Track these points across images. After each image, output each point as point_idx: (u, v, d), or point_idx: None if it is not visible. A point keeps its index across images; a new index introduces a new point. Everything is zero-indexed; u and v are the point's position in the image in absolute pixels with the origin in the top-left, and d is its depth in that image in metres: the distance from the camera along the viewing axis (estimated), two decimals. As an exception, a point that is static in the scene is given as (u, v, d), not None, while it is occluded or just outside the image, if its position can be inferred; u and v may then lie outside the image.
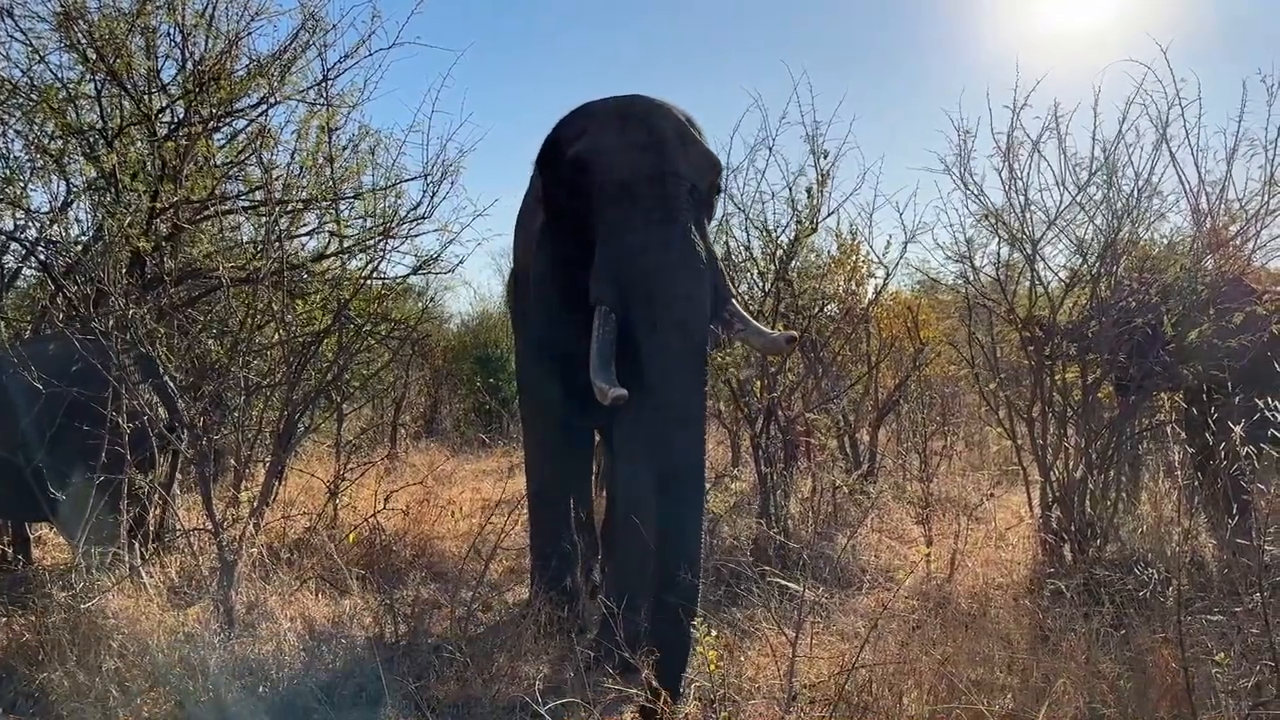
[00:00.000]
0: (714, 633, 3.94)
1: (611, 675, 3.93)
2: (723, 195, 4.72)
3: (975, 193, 5.91)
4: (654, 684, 3.53)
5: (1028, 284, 5.86)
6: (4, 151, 6.61)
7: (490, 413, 13.19)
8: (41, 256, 6.53)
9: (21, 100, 6.43)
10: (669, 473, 3.93)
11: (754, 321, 4.35)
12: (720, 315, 4.22)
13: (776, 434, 7.09)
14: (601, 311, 4.07)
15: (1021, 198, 5.65)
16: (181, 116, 6.58)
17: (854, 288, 7.84)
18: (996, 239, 6.09)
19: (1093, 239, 5.69)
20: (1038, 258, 5.70)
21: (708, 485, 4.19)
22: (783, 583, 4.39)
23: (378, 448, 10.66)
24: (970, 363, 6.45)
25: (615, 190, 4.17)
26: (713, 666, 3.64)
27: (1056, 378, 5.63)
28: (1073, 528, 5.24)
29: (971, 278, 6.30)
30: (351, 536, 5.64)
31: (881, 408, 8.36)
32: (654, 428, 3.99)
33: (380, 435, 11.35)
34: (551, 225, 4.68)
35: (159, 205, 6.05)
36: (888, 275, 7.62)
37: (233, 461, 5.89)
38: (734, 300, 4.30)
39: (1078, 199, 5.57)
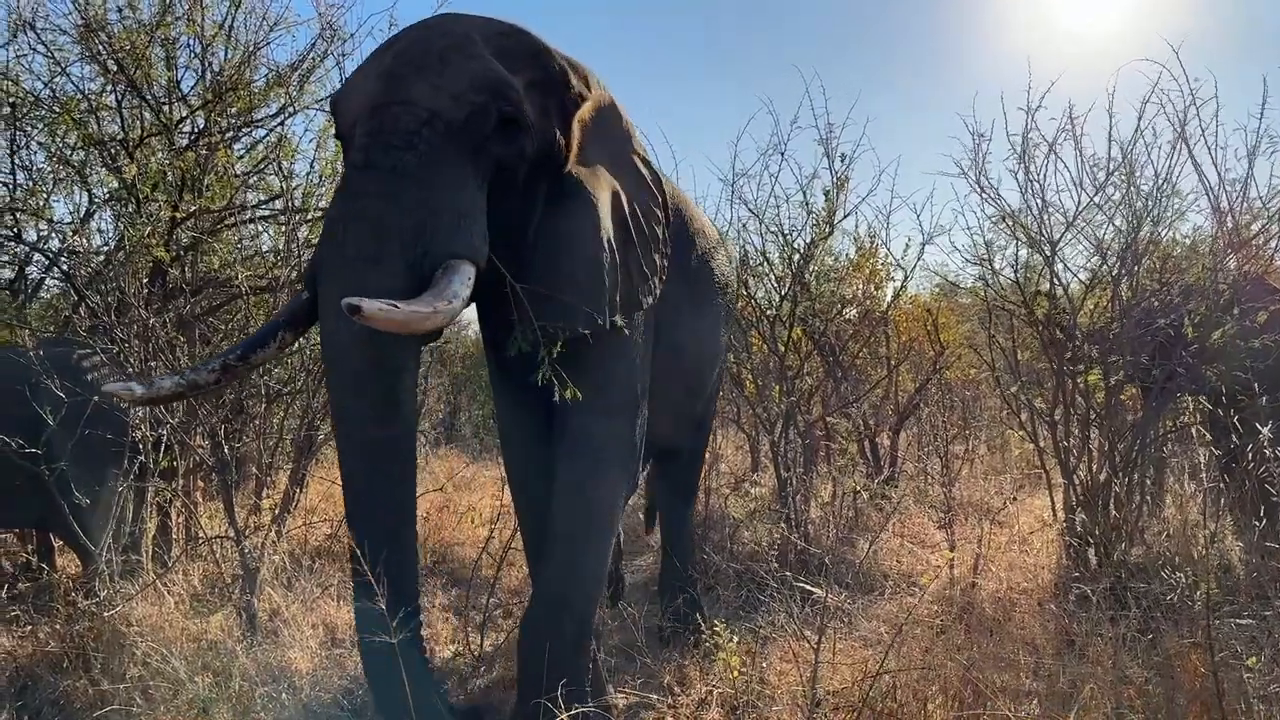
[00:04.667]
0: (735, 638, 3.92)
1: (630, 681, 3.94)
2: (531, 128, 3.34)
3: (991, 195, 5.89)
4: None
5: (1047, 286, 5.82)
6: (27, 163, 6.70)
7: (508, 419, 13.19)
8: (64, 267, 6.59)
9: (44, 112, 6.51)
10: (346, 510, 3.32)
11: (427, 297, 2.94)
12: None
13: (795, 438, 7.07)
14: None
15: (1038, 200, 5.62)
16: (201, 127, 6.63)
17: (872, 291, 7.83)
18: (1015, 241, 6.07)
19: (1112, 240, 5.66)
20: (1057, 259, 5.66)
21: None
22: (805, 587, 4.36)
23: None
24: (991, 366, 6.41)
25: (343, 137, 3.38)
26: (735, 672, 3.62)
27: (1079, 380, 5.58)
28: (1097, 531, 5.19)
29: (990, 280, 6.27)
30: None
31: (902, 411, 8.32)
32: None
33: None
34: None
35: (179, 215, 6.10)
36: (906, 278, 7.61)
37: (254, 469, 5.91)
38: (453, 266, 3.06)
39: (1096, 200, 5.54)
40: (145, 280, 5.83)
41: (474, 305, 3.64)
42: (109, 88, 6.51)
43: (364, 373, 3.09)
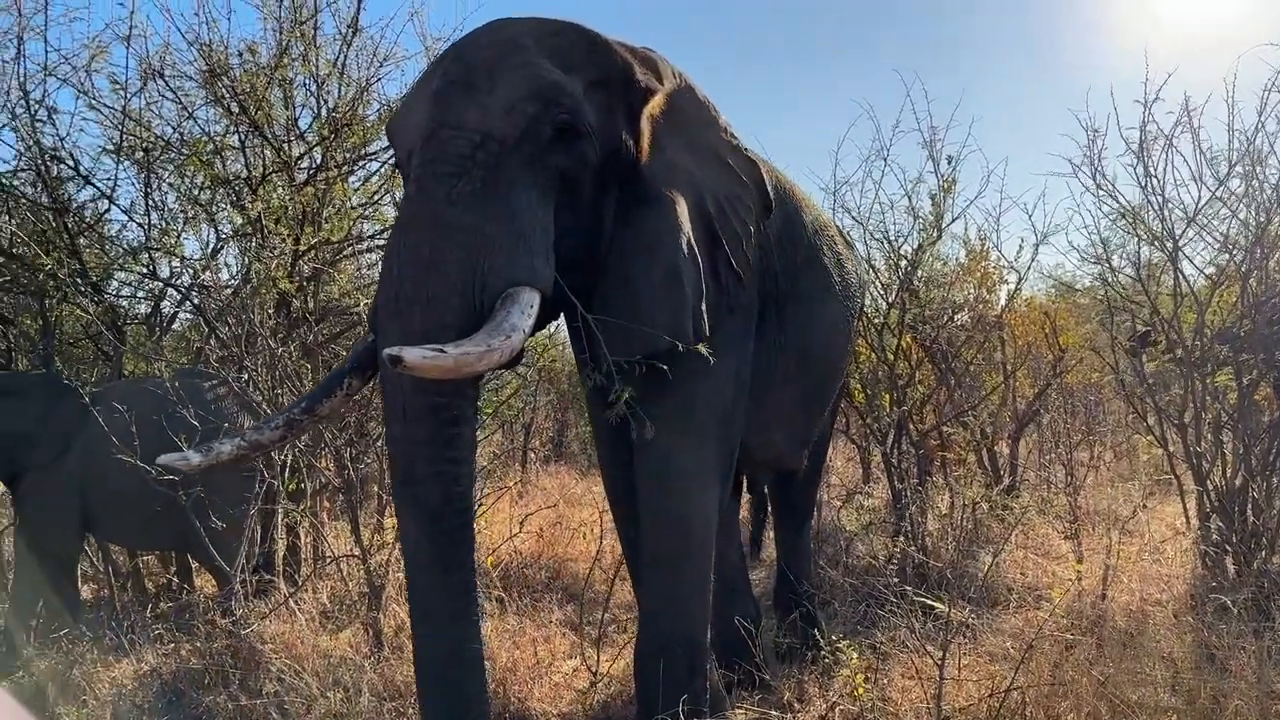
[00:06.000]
0: (855, 654, 3.87)
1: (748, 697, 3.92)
2: (592, 133, 3.10)
3: (1108, 192, 5.72)
4: None
5: (1170, 283, 5.61)
6: (159, 204, 7.11)
7: (617, 434, 13.27)
8: (195, 301, 6.94)
9: (174, 154, 6.90)
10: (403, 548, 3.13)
11: (481, 336, 2.72)
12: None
13: (909, 449, 6.93)
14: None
15: (1158, 196, 5.44)
16: (319, 162, 6.90)
17: (985, 294, 7.65)
18: (1135, 238, 5.88)
19: (1238, 234, 5.43)
20: (1180, 256, 5.46)
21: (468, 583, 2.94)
22: (926, 602, 4.25)
23: (509, 472, 10.87)
24: (1114, 368, 6.19)
25: (401, 167, 3.18)
26: (860, 689, 3.57)
27: (1209, 381, 5.35)
28: (1235, 539, 4.96)
29: (1110, 279, 6.07)
30: (490, 560, 5.76)
31: (1021, 418, 8.07)
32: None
33: (511, 460, 11.57)
34: None
35: (301, 247, 6.36)
36: (1020, 280, 7.41)
37: (377, 489, 6.10)
38: (512, 296, 2.82)
39: (1218, 194, 5.34)
40: (271, 311, 6.09)
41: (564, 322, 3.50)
42: (232, 129, 6.85)
43: (424, 421, 2.85)
